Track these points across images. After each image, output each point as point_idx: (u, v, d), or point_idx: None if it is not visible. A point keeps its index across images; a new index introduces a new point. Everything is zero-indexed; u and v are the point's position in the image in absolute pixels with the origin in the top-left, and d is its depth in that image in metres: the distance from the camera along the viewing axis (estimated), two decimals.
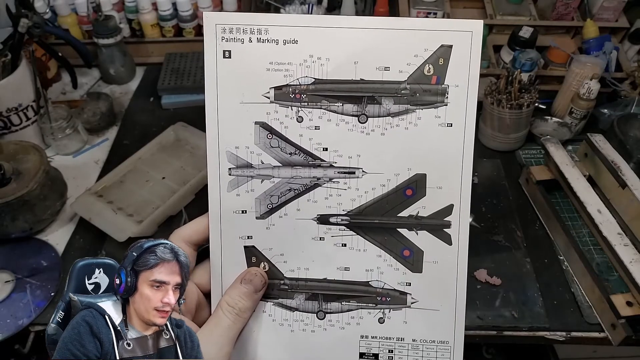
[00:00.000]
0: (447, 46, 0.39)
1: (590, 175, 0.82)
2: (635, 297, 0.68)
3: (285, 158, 0.40)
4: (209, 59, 0.39)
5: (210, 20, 0.39)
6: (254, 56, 0.39)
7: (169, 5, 1.11)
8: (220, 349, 0.37)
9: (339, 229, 0.41)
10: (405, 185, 0.41)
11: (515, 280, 0.75)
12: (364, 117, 0.40)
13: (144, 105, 1.09)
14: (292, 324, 0.42)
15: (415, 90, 0.39)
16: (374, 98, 0.40)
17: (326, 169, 0.40)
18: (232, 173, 0.41)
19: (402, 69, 0.39)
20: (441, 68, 0.39)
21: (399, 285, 0.42)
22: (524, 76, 0.95)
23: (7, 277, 0.75)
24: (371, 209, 0.41)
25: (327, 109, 0.40)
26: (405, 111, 0.40)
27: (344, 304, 0.42)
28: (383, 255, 0.42)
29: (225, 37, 0.39)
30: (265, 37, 0.39)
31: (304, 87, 0.39)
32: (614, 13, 1.07)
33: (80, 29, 1.14)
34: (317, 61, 0.39)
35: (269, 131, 0.40)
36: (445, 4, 1.11)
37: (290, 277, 0.42)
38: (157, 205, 0.82)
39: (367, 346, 0.43)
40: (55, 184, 0.83)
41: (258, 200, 0.41)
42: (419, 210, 0.41)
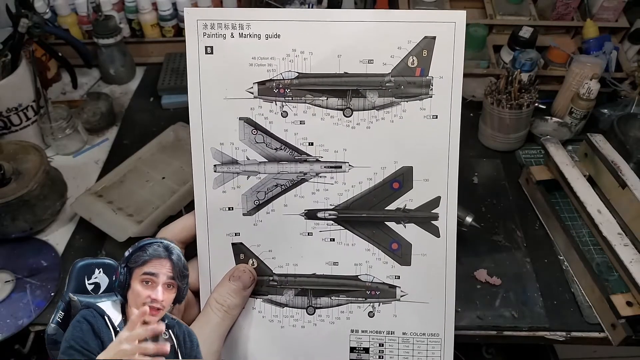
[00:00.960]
0: (431, 37, 0.39)
1: (590, 175, 0.82)
2: (635, 297, 0.68)
3: (270, 153, 0.40)
4: (191, 55, 0.40)
5: (191, 16, 0.39)
6: (236, 51, 0.39)
7: (169, 5, 1.11)
8: (210, 345, 0.37)
9: (327, 223, 0.41)
10: (392, 178, 0.41)
11: (515, 280, 0.75)
12: (349, 110, 0.40)
13: (144, 105, 1.09)
14: (282, 320, 0.42)
15: (400, 82, 0.39)
16: (358, 91, 0.40)
17: (312, 163, 0.40)
18: (217, 170, 0.40)
19: (386, 61, 0.39)
20: (425, 60, 0.39)
21: (388, 279, 0.42)
22: (524, 76, 0.95)
23: (7, 277, 0.75)
24: (358, 203, 0.41)
25: (312, 103, 0.40)
26: (390, 104, 0.40)
27: (334, 298, 0.42)
28: (372, 249, 0.42)
29: (206, 32, 0.39)
30: (247, 32, 0.39)
31: (287, 81, 0.39)
32: (614, 13, 1.07)
33: (80, 29, 1.14)
34: (300, 55, 0.39)
35: (253, 127, 0.40)
36: (445, 4, 1.11)
37: (279, 273, 0.42)
38: (157, 205, 0.82)
39: (358, 340, 0.43)
40: (55, 184, 0.83)
41: (245, 197, 0.41)
42: (406, 203, 0.41)
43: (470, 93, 1.03)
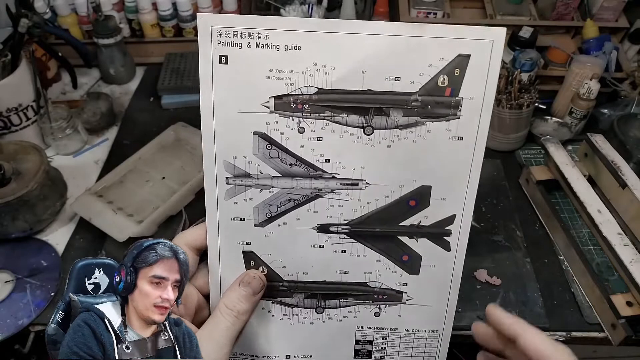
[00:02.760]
0: (465, 56, 0.36)
1: (590, 175, 0.82)
2: (635, 297, 0.68)
3: (285, 169, 0.39)
4: (204, 65, 0.36)
5: (205, 23, 0.35)
6: (252, 62, 0.36)
7: (169, 5, 1.11)
8: (220, 349, 0.37)
9: (339, 237, 0.40)
10: (409, 196, 0.39)
11: (515, 280, 0.75)
12: (370, 128, 0.38)
13: (144, 105, 1.09)
14: (291, 318, 0.43)
15: (427, 102, 0.37)
16: (381, 110, 0.37)
17: (328, 180, 0.39)
18: (229, 182, 0.39)
19: (414, 79, 0.36)
20: (456, 79, 0.36)
21: (395, 286, 0.42)
22: (524, 76, 0.95)
23: (7, 277, 0.75)
24: (373, 218, 0.40)
25: (331, 119, 0.37)
26: (414, 124, 0.37)
27: (342, 301, 0.42)
28: (382, 260, 0.41)
29: (221, 41, 0.36)
30: (265, 42, 0.36)
31: (306, 97, 0.37)
32: (614, 13, 1.07)
33: (80, 29, 1.14)
34: (321, 69, 0.36)
35: (268, 142, 0.38)
36: (445, 4, 1.11)
37: (289, 280, 0.42)
38: (157, 205, 0.82)
39: (363, 335, 0.44)
40: (55, 184, 0.83)
41: (257, 209, 0.40)
42: (421, 220, 0.40)
43: None
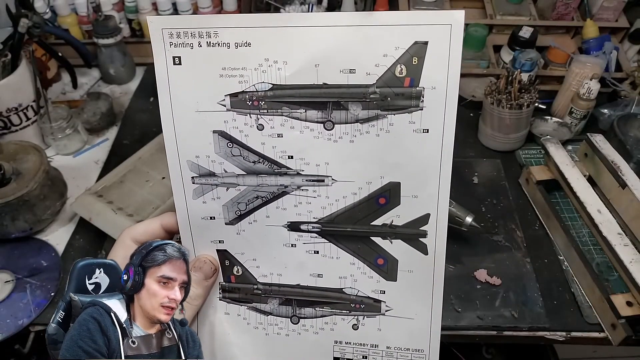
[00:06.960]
0: (422, 43, 0.34)
1: (590, 175, 0.82)
2: (635, 297, 0.68)
3: (249, 166, 0.39)
4: (159, 66, 0.37)
5: (156, 25, 0.37)
6: (205, 62, 0.36)
7: (169, 5, 1.11)
8: None
9: (310, 236, 0.40)
10: (378, 193, 0.39)
11: (515, 280, 0.75)
12: (330, 123, 0.37)
13: (144, 105, 1.09)
14: (266, 328, 0.42)
15: (386, 94, 0.36)
16: (339, 104, 0.36)
17: (293, 176, 0.39)
18: (195, 182, 0.39)
19: (370, 71, 0.35)
20: (415, 68, 0.35)
21: (373, 293, 0.41)
22: (524, 76, 0.95)
23: (7, 277, 0.75)
24: (343, 217, 0.39)
25: (289, 115, 0.37)
26: (375, 117, 0.36)
27: (318, 309, 0.41)
28: (357, 263, 0.40)
29: (173, 42, 0.37)
30: (215, 40, 0.36)
31: (261, 93, 0.37)
32: (613, 13, 1.07)
33: (80, 29, 1.14)
34: (273, 65, 0.36)
35: (228, 140, 0.38)
36: (445, 4, 1.11)
37: (263, 282, 0.41)
38: (157, 205, 0.82)
39: (341, 351, 0.42)
40: (55, 184, 0.83)
41: (226, 207, 0.40)
42: (393, 219, 0.39)
43: (470, 93, 1.03)
